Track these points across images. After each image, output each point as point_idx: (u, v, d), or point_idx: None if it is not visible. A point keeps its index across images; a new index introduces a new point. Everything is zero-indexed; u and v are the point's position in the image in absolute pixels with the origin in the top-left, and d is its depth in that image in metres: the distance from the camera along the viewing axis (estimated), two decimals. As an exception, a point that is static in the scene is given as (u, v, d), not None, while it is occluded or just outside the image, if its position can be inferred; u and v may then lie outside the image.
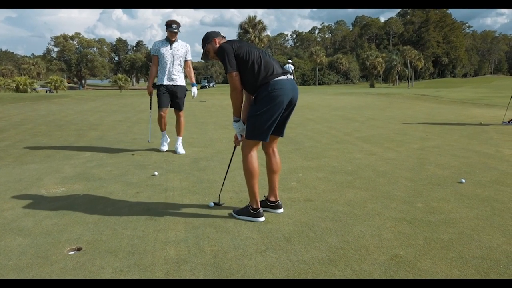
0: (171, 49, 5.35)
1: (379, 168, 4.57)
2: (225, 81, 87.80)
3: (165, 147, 5.65)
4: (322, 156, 5.28)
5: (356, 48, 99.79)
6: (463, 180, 3.95)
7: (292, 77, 3.03)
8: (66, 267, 2.28)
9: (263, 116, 2.86)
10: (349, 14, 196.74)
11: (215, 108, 13.02)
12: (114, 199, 3.53)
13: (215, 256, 2.39)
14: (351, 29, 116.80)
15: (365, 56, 73.69)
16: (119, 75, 62.26)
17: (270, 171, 3.16)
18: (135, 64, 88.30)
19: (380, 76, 74.38)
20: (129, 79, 63.61)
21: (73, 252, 2.48)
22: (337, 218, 3.00)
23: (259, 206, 3.00)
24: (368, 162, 4.88)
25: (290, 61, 25.14)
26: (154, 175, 4.36)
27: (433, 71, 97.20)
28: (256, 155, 2.98)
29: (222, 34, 3.14)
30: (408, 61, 66.49)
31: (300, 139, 6.65)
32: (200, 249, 2.48)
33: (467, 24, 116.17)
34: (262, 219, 2.96)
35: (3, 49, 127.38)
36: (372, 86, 61.90)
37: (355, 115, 10.48)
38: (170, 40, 5.34)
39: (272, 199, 3.17)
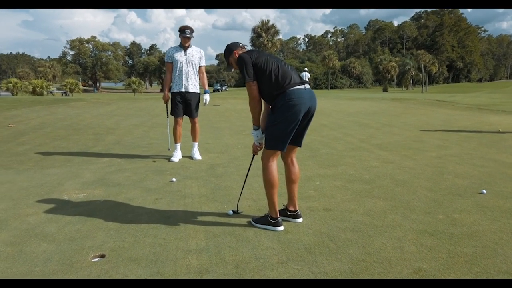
0: (185, 55, 5.36)
1: (397, 177, 4.54)
2: (237, 85, 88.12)
3: (175, 159, 5.46)
4: (339, 163, 5.26)
5: (369, 52, 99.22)
6: (484, 191, 3.90)
7: (309, 86, 3.04)
8: (91, 274, 2.31)
9: (280, 125, 2.88)
10: (362, 18, 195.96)
11: (228, 113, 13.07)
12: (134, 206, 3.57)
13: (237, 267, 2.40)
14: (364, 33, 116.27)
15: (379, 60, 73.24)
16: (133, 78, 63.00)
17: (289, 180, 3.16)
18: (149, 68, 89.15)
19: (394, 81, 73.78)
20: (142, 83, 64.28)
21: (96, 259, 2.52)
22: (357, 229, 2.98)
23: (278, 216, 3.01)
24: (385, 170, 4.84)
25: (306, 69, 25.12)
26: (172, 181, 4.39)
27: (447, 76, 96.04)
28: (276, 165, 2.99)
29: (241, 44, 3.18)
30: (422, 65, 65.78)
31: (315, 145, 6.63)
32: (222, 259, 2.50)
33: (482, 28, 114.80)
34: (281, 228, 2.97)
35: (20, 52, 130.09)
36: (385, 90, 61.42)
37: (369, 121, 10.41)
38: (183, 46, 5.35)
39: (292, 208, 3.17)
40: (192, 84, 5.41)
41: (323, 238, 2.81)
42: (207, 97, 5.68)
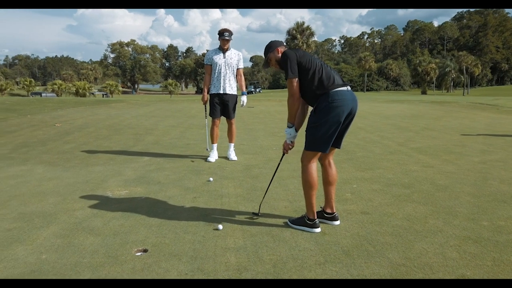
0: (224, 57, 5.46)
1: (438, 181, 4.40)
2: (270, 87, 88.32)
3: (212, 160, 5.57)
4: (376, 167, 5.17)
5: (407, 54, 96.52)
6: (533, 198, 3.71)
7: (350, 88, 3.02)
8: (135, 267, 2.41)
9: (323, 127, 2.87)
10: (400, 19, 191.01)
11: (263, 115, 13.13)
12: (173, 203, 3.68)
13: (275, 266, 2.43)
14: (402, 34, 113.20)
15: (417, 62, 71.05)
16: (170, 80, 64.62)
17: (327, 182, 3.15)
18: (185, 70, 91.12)
19: (433, 83, 71.40)
20: (178, 84, 65.77)
21: (139, 254, 2.63)
22: (397, 233, 2.93)
23: (316, 217, 3.01)
24: (425, 175, 4.71)
25: None
26: (209, 181, 4.49)
27: (491, 78, 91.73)
28: (316, 167, 2.99)
29: (284, 44, 3.21)
30: (464, 67, 63.27)
31: (351, 148, 6.55)
32: (259, 258, 2.53)
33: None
34: (318, 230, 2.96)
35: (64, 55, 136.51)
36: (424, 93, 59.59)
37: (408, 124, 10.14)
38: (223, 48, 5.45)
39: (329, 210, 3.16)
40: (230, 86, 5.51)
41: (361, 241, 2.78)
42: (244, 98, 5.76)
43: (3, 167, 5.18)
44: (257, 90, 65.76)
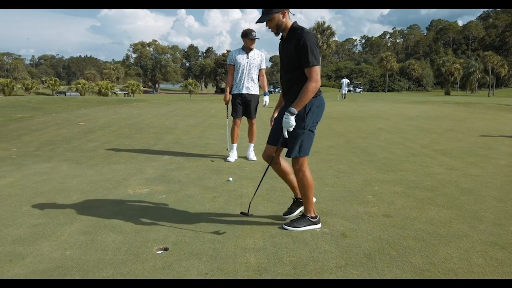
0: (247, 58, 5.47)
1: (463, 185, 4.29)
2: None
3: (232, 159, 5.59)
4: (398, 169, 5.08)
5: (430, 54, 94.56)
6: None
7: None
8: (156, 265, 2.44)
9: (313, 131, 2.97)
10: (422, 18, 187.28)
11: (283, 115, 13.07)
12: (193, 202, 3.71)
13: (295, 267, 2.41)
14: (425, 34, 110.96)
15: (441, 62, 69.47)
16: (190, 80, 65.20)
17: (287, 173, 3.19)
18: (205, 70, 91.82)
19: (457, 83, 69.72)
20: (198, 84, 66.34)
21: (160, 252, 2.65)
22: (420, 237, 2.86)
23: (316, 213, 3.09)
24: (449, 177, 4.60)
25: (345, 77, 26.17)
26: (229, 180, 4.50)
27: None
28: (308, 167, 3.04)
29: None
30: (490, 67, 61.51)
31: (372, 149, 6.45)
32: (279, 259, 2.52)
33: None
34: (320, 225, 3.08)
35: (88, 55, 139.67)
36: (447, 93, 58.28)
37: (431, 125, 9.93)
38: (247, 48, 5.45)
39: (300, 196, 3.23)
40: (252, 86, 5.52)
41: (383, 244, 2.73)
42: (266, 99, 5.76)
43: (29, 165, 5.32)
44: (276, 90, 65.52)
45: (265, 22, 2.84)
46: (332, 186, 4.26)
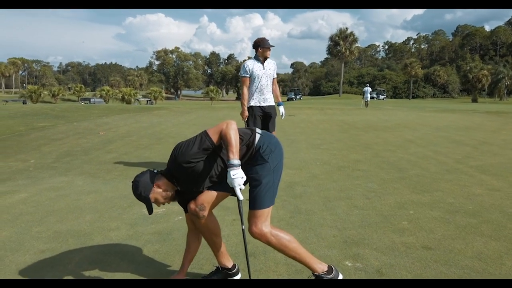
0: (263, 68, 5.16)
1: (509, 209, 3.86)
2: (311, 93, 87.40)
3: None
4: (433, 188, 4.67)
5: (456, 60, 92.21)
6: None
7: None
8: (167, 308, 2.17)
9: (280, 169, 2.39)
10: (447, 23, 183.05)
11: (304, 124, 12.75)
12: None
13: (326, 315, 2.09)
14: (450, 39, 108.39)
15: (468, 68, 67.51)
16: (211, 86, 65.53)
17: (216, 234, 2.47)
18: (226, 76, 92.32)
19: (484, 90, 67.59)
20: (219, 91, 66.67)
21: (173, 289, 2.38)
22: (468, 276, 2.50)
23: (326, 264, 2.34)
24: (492, 200, 4.17)
25: (368, 84, 25.83)
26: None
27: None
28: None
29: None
30: (520, 73, 59.38)
31: (402, 164, 6.05)
32: (307, 303, 2.20)
33: None
34: (341, 275, 2.38)
35: (113, 62, 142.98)
36: (475, 100, 56.50)
37: (462, 137, 9.38)
38: (263, 58, 5.13)
39: (230, 264, 2.53)
40: (270, 97, 5.24)
41: (427, 286, 2.38)
42: (283, 109, 5.46)
43: (45, 178, 5.19)
44: (298, 97, 65.01)
45: None
46: (362, 208, 3.91)
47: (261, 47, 5.05)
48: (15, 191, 4.57)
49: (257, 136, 2.34)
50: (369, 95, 26.90)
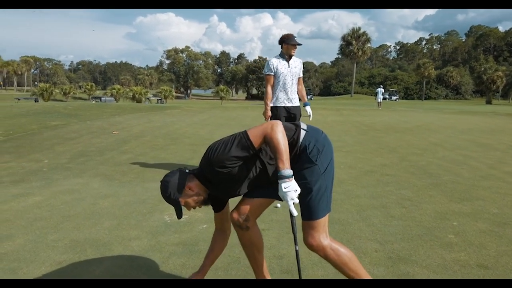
0: (289, 66, 4.86)
1: (562, 222, 3.53)
2: (321, 93, 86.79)
3: None
4: (472, 196, 4.35)
5: (469, 61, 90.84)
6: None
7: None
8: (202, 336, 1.90)
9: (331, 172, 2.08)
10: (460, 24, 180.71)
11: (320, 125, 12.32)
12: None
13: None
14: (464, 40, 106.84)
15: (482, 69, 66.40)
16: (221, 86, 65.34)
17: (259, 250, 2.22)
18: (236, 76, 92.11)
19: (498, 92, 66.41)
20: (229, 90, 66.48)
21: (206, 311, 2.12)
22: (540, 304, 2.19)
23: None
24: (540, 211, 3.84)
25: (381, 86, 25.51)
26: (277, 207, 3.93)
27: None
28: None
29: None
30: (536, 75, 58.20)
31: (433, 169, 5.72)
32: (361, 333, 1.92)
33: None
34: None
35: (123, 61, 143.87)
36: (489, 102, 55.54)
37: (490, 140, 8.99)
38: (289, 55, 4.83)
39: None
40: (295, 97, 4.95)
41: (495, 315, 2.08)
42: (309, 110, 5.16)
43: (60, 180, 4.98)
44: (309, 97, 64.62)
45: None
46: (400, 218, 3.61)
47: (285, 43, 4.75)
48: (29, 193, 4.36)
49: (302, 133, 2.03)
50: (381, 96, 26.49)
